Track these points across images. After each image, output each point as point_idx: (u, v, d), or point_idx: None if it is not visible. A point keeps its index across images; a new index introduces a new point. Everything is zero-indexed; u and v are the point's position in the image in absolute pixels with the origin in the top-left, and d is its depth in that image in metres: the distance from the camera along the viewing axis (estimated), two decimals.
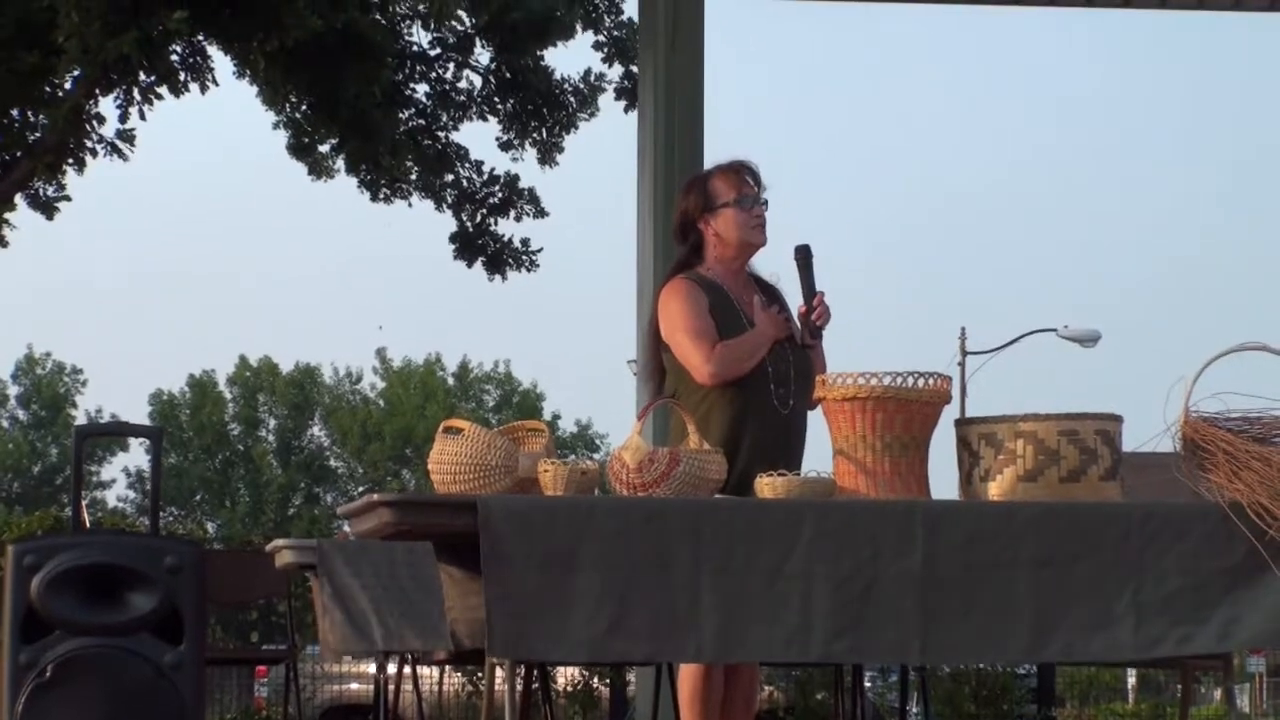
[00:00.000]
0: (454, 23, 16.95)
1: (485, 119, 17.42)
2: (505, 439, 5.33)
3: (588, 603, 4.82)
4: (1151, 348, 62.49)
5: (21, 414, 53.22)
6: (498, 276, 17.34)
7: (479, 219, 17.35)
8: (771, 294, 6.07)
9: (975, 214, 71.46)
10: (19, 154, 14.50)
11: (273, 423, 53.61)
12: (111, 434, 6.10)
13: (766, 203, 6.01)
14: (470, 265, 17.31)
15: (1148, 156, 72.81)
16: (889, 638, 4.93)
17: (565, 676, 15.36)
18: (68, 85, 13.86)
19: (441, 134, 17.30)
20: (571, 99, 17.24)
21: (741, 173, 6.01)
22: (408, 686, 7.74)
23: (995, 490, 5.14)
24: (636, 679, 10.60)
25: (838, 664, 6.71)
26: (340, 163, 16.77)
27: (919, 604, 4.92)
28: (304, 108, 16.25)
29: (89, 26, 12.40)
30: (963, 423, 5.27)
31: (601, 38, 17.10)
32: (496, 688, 5.26)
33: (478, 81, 17.39)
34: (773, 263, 6.06)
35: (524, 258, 17.29)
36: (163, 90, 13.75)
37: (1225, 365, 5.16)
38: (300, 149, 16.81)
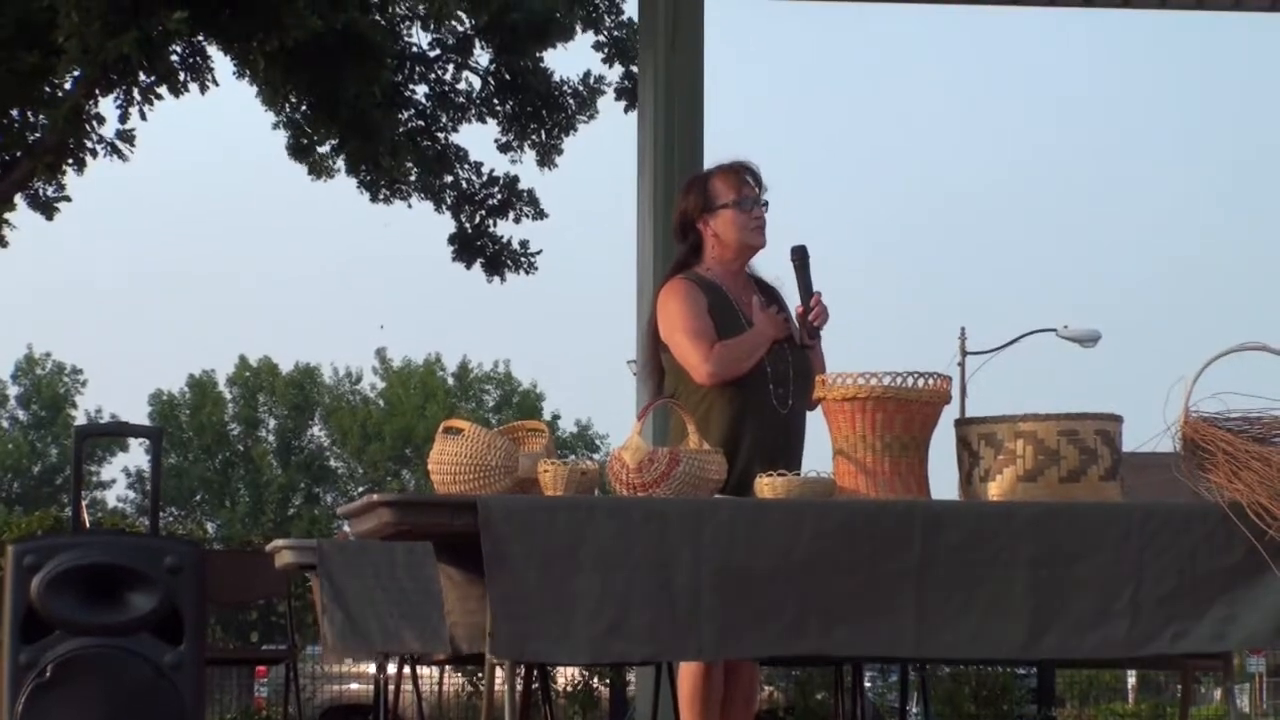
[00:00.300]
0: (453, 23, 16.96)
1: (484, 120, 17.42)
2: (505, 439, 5.33)
3: (588, 603, 4.82)
4: (1151, 348, 62.55)
5: (21, 414, 53.23)
6: (496, 278, 17.35)
7: (478, 220, 17.36)
8: (770, 294, 6.06)
9: (975, 214, 71.53)
10: (19, 154, 14.50)
11: (273, 423, 53.62)
12: (111, 434, 6.10)
13: (767, 204, 6.01)
14: (469, 267, 17.32)
15: (1148, 156, 72.89)
16: (884, 631, 4.94)
17: (565, 676, 15.36)
18: (68, 85, 13.86)
19: (441, 135, 17.30)
20: (570, 101, 17.24)
21: (742, 173, 6.00)
22: (408, 686, 7.75)
23: (995, 490, 5.14)
24: (636, 679, 10.60)
25: (834, 660, 6.72)
26: (340, 163, 16.77)
27: (916, 600, 4.93)
28: (304, 108, 16.25)
29: (89, 26, 12.40)
30: (963, 423, 5.27)
31: (601, 38, 17.11)
32: (496, 688, 5.26)
33: (477, 83, 17.40)
34: (772, 264, 6.07)
35: (522, 260, 17.29)
36: (163, 90, 13.76)
37: (1225, 365, 5.16)
38: (300, 149, 16.81)
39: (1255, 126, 70.83)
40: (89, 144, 14.45)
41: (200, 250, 70.00)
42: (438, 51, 17.35)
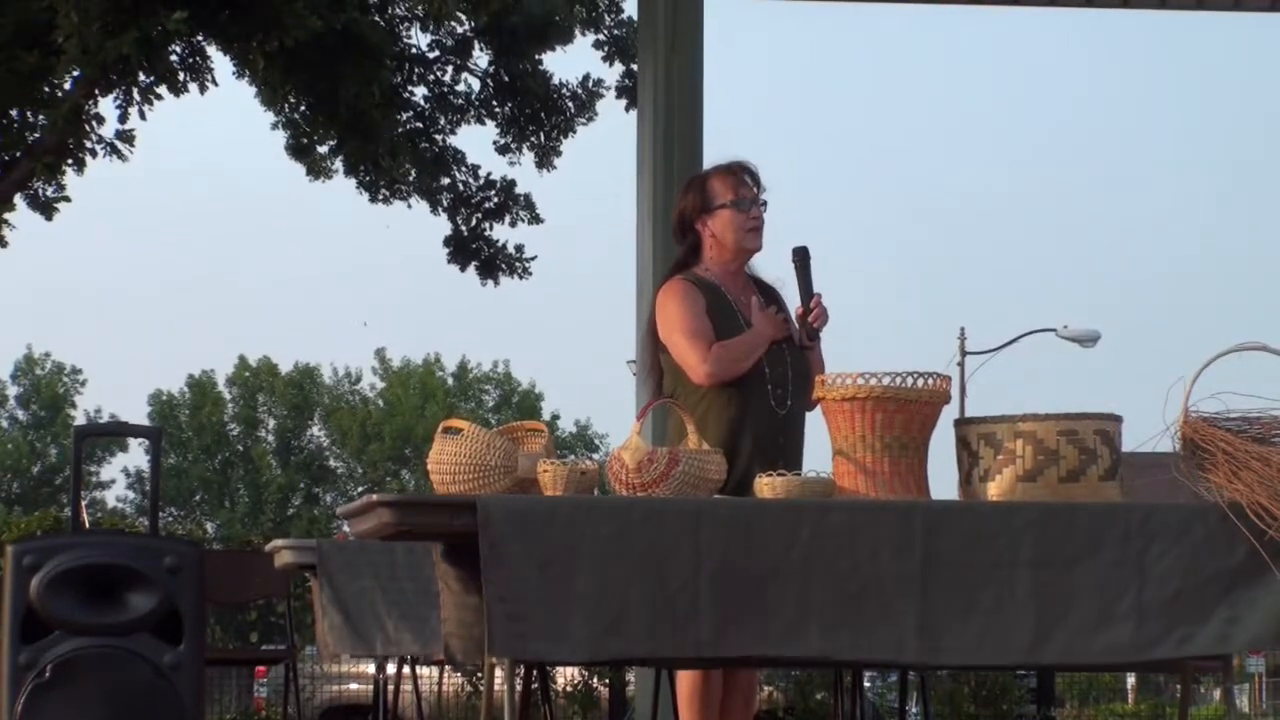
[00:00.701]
0: (453, 25, 16.95)
1: (483, 122, 17.42)
2: (505, 439, 5.33)
3: (587, 603, 4.82)
4: (1151, 348, 62.62)
5: (21, 414, 53.22)
6: (490, 281, 17.34)
7: (474, 223, 17.34)
8: (770, 295, 6.06)
9: (975, 214, 71.54)
10: (19, 154, 14.49)
11: (272, 423, 53.61)
12: (111, 434, 6.11)
13: (765, 204, 6.00)
14: (463, 269, 17.31)
15: (1148, 156, 72.92)
16: (886, 636, 4.91)
17: (565, 676, 15.37)
18: (68, 85, 13.85)
19: (439, 137, 17.30)
20: (569, 103, 17.24)
21: (740, 174, 5.99)
22: (407, 686, 7.76)
23: (995, 490, 5.14)
24: (636, 679, 10.60)
25: (834, 663, 6.70)
26: (339, 163, 16.77)
27: (918, 604, 4.91)
28: (303, 108, 16.25)
29: (89, 26, 12.40)
30: (962, 423, 5.26)
31: (602, 36, 17.11)
32: (496, 688, 5.26)
33: (476, 84, 17.39)
34: (772, 264, 6.06)
35: (517, 264, 17.28)
36: (162, 90, 13.76)
37: (1225, 365, 5.15)
38: (299, 149, 16.81)
39: (1255, 126, 70.90)
40: (89, 144, 14.43)
41: (200, 250, 70.07)
42: (437, 53, 17.35)
